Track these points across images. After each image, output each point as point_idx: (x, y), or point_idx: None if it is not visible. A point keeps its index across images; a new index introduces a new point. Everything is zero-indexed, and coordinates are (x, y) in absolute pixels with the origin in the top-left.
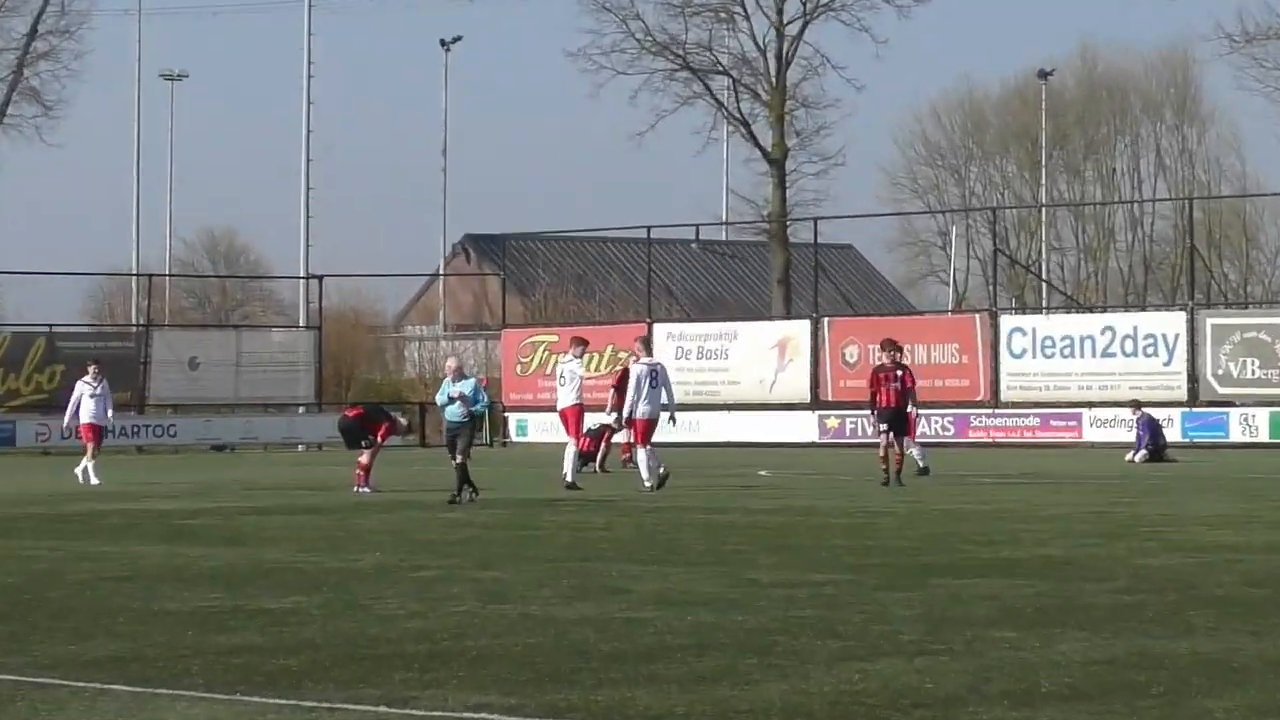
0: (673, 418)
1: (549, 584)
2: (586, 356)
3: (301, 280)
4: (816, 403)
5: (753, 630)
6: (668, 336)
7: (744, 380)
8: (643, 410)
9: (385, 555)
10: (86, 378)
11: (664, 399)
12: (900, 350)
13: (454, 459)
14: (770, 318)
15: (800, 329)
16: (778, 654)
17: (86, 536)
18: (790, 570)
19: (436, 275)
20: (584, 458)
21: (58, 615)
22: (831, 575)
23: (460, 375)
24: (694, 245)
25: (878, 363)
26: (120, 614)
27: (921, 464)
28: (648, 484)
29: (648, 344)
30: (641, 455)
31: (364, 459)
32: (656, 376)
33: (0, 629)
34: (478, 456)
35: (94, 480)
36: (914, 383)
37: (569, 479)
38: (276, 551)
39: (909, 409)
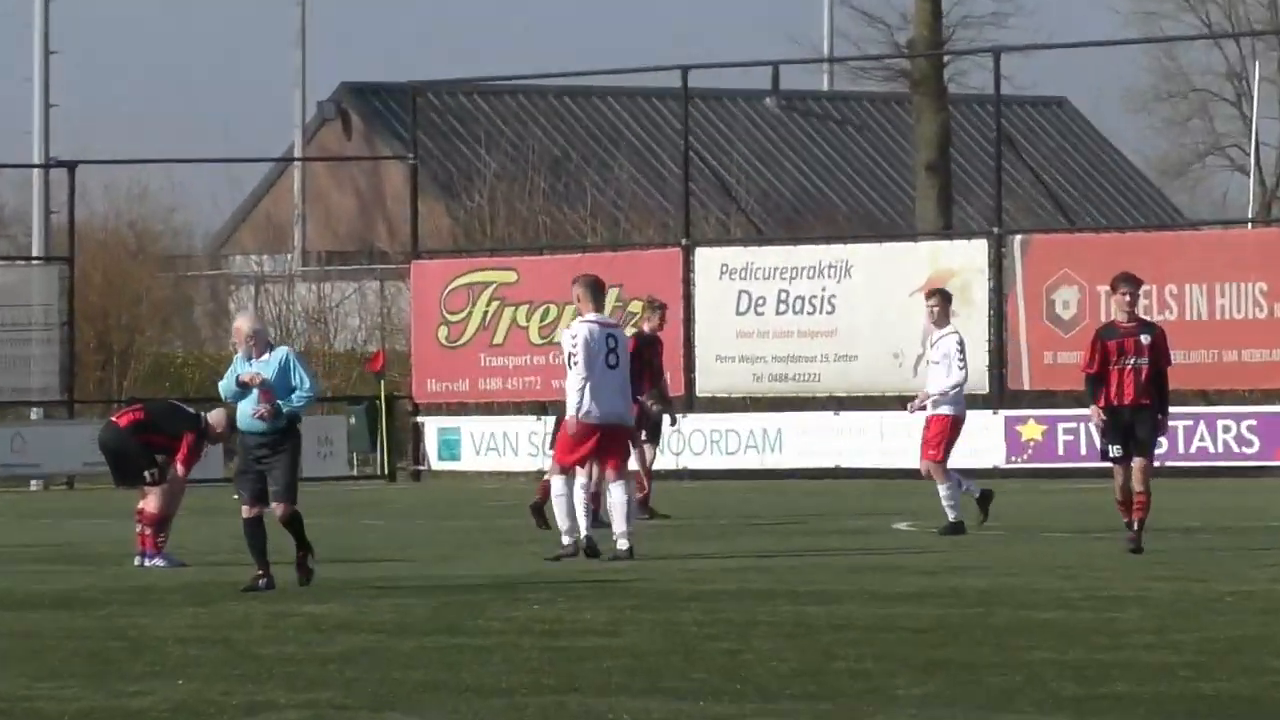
0: (673, 419)
1: None
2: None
3: (36, 172)
4: (1002, 395)
5: None
6: (721, 271)
7: (864, 353)
8: (595, 410)
9: (196, 684)
10: None
11: (628, 390)
12: (1136, 293)
13: (249, 507)
14: (913, 235)
15: (970, 256)
16: None
17: None
18: (955, 708)
19: (287, 161)
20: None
21: None
22: (1034, 717)
23: (260, 343)
24: (769, 102)
25: (1105, 321)
26: None
27: (952, 515)
28: (622, 545)
29: (596, 291)
30: (616, 495)
31: (150, 504)
32: (617, 347)
33: None
34: (361, 499)
35: None
36: (1169, 358)
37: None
38: None
39: (1162, 407)
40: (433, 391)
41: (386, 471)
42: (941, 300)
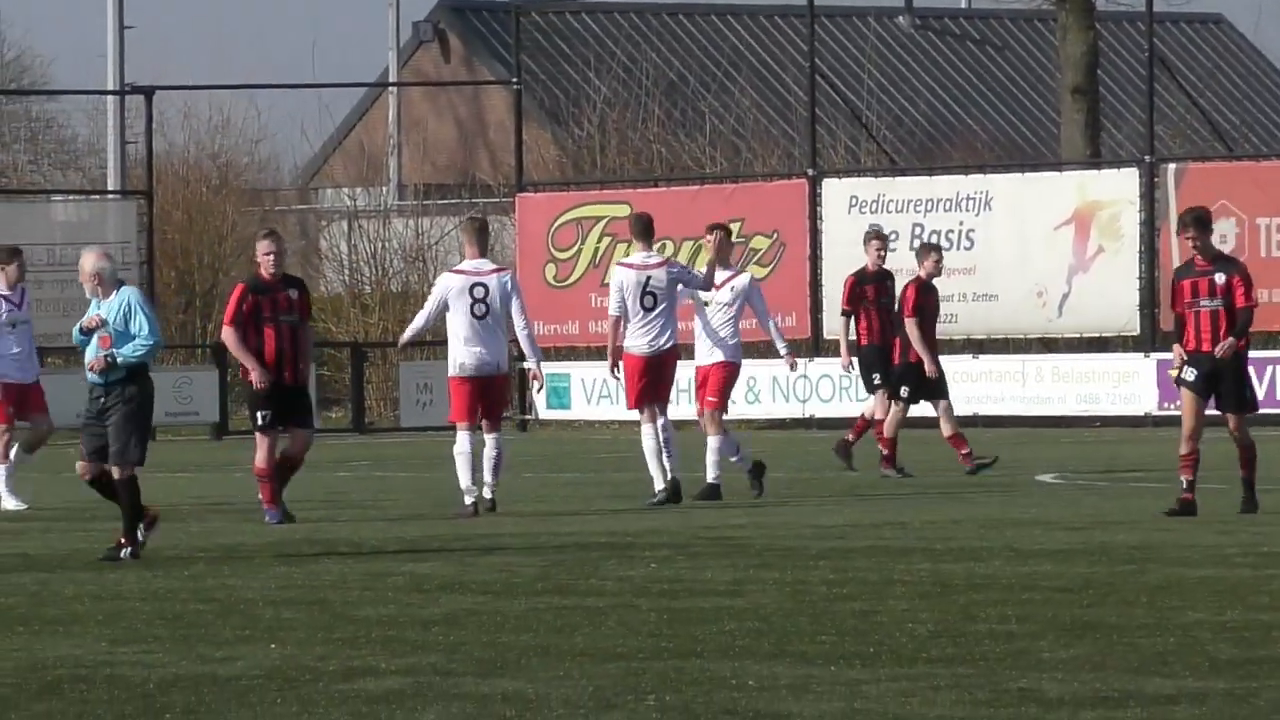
0: (537, 378)
1: (619, 704)
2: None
3: (111, 99)
4: (1154, 336)
5: None
6: (851, 203)
7: (1005, 292)
8: (468, 363)
9: (290, 648)
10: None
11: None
12: (1201, 235)
13: (84, 464)
14: (1058, 164)
15: (1119, 186)
16: None
17: None
18: (1105, 672)
19: (381, 86)
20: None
21: None
22: (1189, 681)
23: (106, 283)
24: (902, 20)
25: (1182, 262)
26: None
27: (713, 474)
28: (486, 494)
29: (479, 234)
30: (489, 449)
31: (262, 457)
32: (486, 296)
33: None
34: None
35: (10, 503)
36: (1251, 298)
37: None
38: (72, 643)
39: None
40: (539, 335)
41: None
42: (725, 235)
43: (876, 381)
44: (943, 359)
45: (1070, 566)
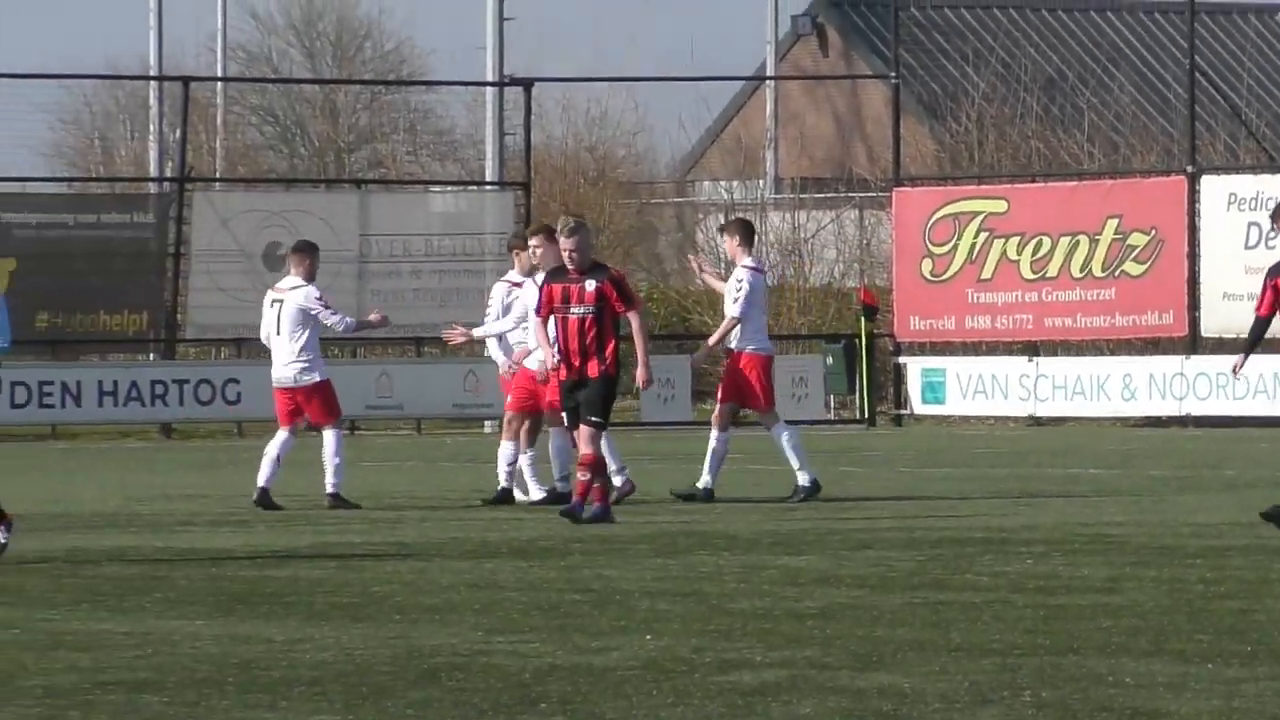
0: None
1: (995, 699)
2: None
3: (490, 90)
4: None
5: None
6: (1229, 201)
7: None
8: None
9: (666, 640)
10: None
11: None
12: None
13: None
14: None
15: None
16: None
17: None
18: None
19: (759, 80)
20: None
21: None
22: None
23: None
24: None
25: None
26: None
27: (702, 482)
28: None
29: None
30: (506, 453)
31: (587, 445)
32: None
33: None
34: (838, 444)
35: (535, 492)
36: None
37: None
38: (448, 631)
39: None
40: (916, 329)
41: (866, 415)
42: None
43: None
44: None
45: None
